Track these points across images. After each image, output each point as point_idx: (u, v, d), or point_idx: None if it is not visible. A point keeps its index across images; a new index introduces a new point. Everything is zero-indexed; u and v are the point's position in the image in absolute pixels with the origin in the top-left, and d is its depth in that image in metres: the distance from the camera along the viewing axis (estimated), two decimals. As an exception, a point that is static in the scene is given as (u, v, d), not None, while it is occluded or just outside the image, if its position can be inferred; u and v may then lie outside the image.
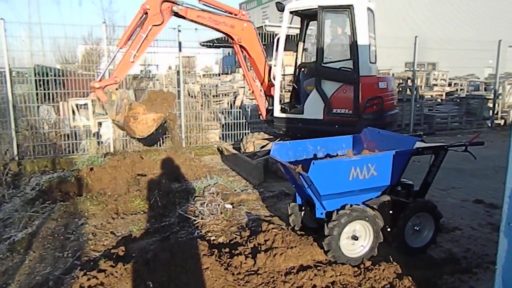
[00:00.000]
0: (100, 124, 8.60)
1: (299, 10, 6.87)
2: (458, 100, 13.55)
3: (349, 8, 6.30)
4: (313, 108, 6.61)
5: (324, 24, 6.49)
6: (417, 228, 3.76)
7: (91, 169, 6.29)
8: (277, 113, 7.06)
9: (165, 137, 9.07)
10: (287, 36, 7.10)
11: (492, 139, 9.11)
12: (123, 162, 6.49)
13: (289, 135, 6.89)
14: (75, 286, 3.03)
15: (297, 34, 7.91)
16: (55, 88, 8.22)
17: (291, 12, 6.90)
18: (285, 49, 7.31)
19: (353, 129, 5.76)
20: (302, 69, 7.55)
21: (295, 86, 7.59)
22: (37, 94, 8.14)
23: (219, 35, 16.97)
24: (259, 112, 7.76)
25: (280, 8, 7.11)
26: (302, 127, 6.65)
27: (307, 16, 7.36)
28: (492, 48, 12.22)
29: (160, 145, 8.83)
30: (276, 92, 7.03)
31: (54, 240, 4.23)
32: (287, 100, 7.95)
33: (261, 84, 7.50)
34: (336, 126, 6.29)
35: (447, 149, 3.86)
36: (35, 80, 8.04)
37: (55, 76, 8.42)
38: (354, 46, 6.32)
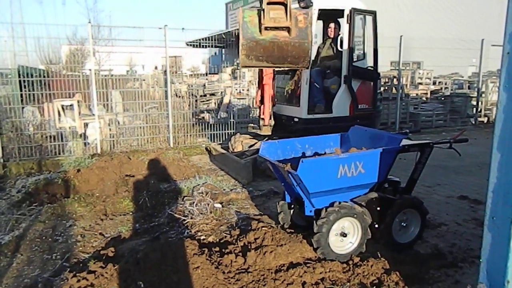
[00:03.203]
0: (86, 125, 8.52)
1: (327, 10, 7.11)
2: (442, 99, 13.80)
3: (374, 13, 7.31)
4: (341, 106, 7.18)
5: (354, 26, 7.05)
6: (404, 224, 3.84)
7: (78, 170, 6.22)
8: (305, 114, 7.09)
9: (152, 138, 9.03)
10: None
11: (476, 136, 9.30)
12: (110, 163, 6.43)
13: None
14: (65, 288, 3.01)
15: None
16: (40, 89, 8.09)
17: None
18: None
19: (371, 122, 7.14)
20: (317, 68, 7.57)
21: (317, 85, 7.46)
22: (21, 95, 8.01)
23: (205, 34, 16.95)
24: (262, 116, 7.06)
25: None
26: (332, 125, 6.77)
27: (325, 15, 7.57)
28: (475, 47, 12.46)
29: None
30: (305, 93, 7.06)
31: (42, 242, 4.18)
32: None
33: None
34: (358, 121, 6.77)
35: (432, 146, 3.94)
36: (19, 81, 7.90)
37: (39, 77, 8.28)
38: (376, 47, 7.32)
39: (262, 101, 7.09)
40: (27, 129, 8.13)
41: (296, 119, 7.21)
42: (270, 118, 7.23)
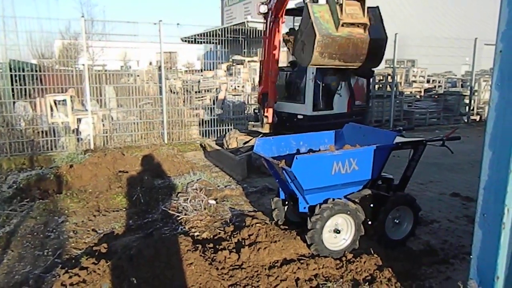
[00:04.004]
0: (79, 120, 8.45)
1: None
2: (436, 97, 13.88)
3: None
4: (341, 103, 7.36)
5: None
6: (397, 221, 3.86)
7: (71, 166, 6.17)
8: (310, 111, 7.14)
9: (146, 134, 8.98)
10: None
11: (468, 134, 9.37)
12: (104, 159, 6.39)
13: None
14: (57, 284, 2.98)
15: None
16: (32, 84, 8.01)
17: None
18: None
19: (363, 118, 7.51)
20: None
21: (319, 82, 7.52)
22: (12, 89, 7.92)
23: (201, 30, 16.91)
24: (265, 113, 7.12)
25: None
26: (334, 122, 6.76)
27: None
28: (468, 45, 12.54)
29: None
30: (310, 90, 7.10)
31: (33, 239, 4.15)
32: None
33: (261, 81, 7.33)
34: (354, 117, 7.07)
35: (425, 143, 3.97)
36: (11, 75, 7.82)
37: (31, 71, 8.20)
38: None
39: (264, 99, 7.13)
40: (18, 124, 8.06)
41: (300, 116, 7.25)
42: (274, 116, 7.26)
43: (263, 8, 6.76)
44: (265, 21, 6.97)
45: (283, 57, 9.09)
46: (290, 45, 6.92)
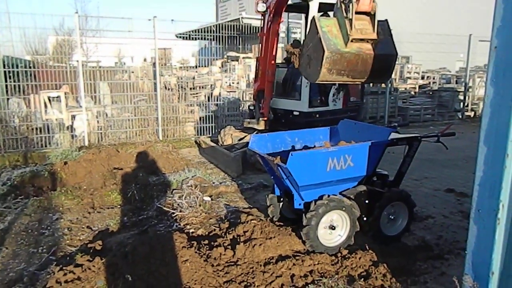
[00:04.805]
0: (73, 117, 8.39)
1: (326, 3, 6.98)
2: (430, 93, 13.92)
3: None
4: (336, 99, 7.44)
5: None
6: (392, 217, 3.88)
7: (65, 163, 6.13)
8: (306, 108, 7.20)
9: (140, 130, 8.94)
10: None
11: (462, 130, 9.41)
12: (98, 155, 6.36)
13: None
14: (51, 282, 2.97)
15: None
16: (26, 80, 7.94)
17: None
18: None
19: (358, 114, 7.63)
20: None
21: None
22: (6, 86, 7.85)
23: (195, 26, 16.83)
24: (262, 110, 7.19)
25: None
26: (331, 118, 6.82)
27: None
28: (463, 42, 12.57)
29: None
30: (306, 87, 7.09)
31: (27, 236, 4.12)
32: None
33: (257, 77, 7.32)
34: (349, 113, 7.19)
35: (420, 140, 3.98)
36: (4, 71, 7.74)
37: (25, 67, 8.13)
38: None
39: (259, 95, 7.13)
40: (12, 120, 7.99)
41: (296, 113, 7.28)
42: (269, 113, 7.27)
43: (261, 7, 6.67)
44: (262, 18, 6.92)
45: (278, 53, 9.06)
46: (295, 57, 6.91)
